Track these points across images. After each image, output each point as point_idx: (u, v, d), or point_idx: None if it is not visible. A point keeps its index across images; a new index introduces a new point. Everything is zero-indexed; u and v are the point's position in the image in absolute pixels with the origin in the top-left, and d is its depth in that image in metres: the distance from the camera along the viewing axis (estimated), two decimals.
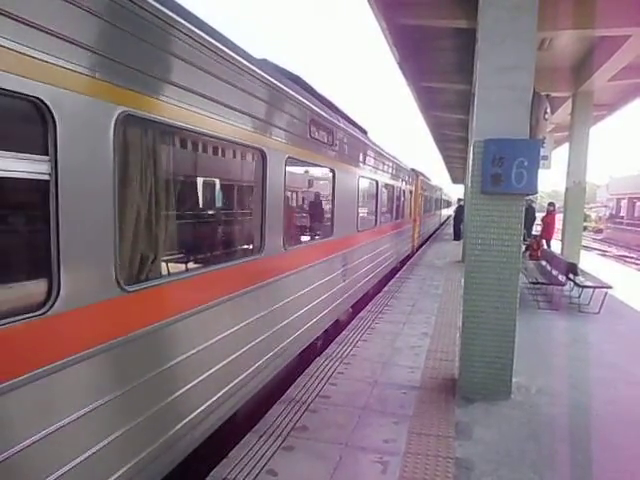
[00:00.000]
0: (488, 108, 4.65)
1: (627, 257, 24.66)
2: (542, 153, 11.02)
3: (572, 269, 9.42)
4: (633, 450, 3.96)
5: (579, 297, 9.17)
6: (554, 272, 10.32)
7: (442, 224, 38.70)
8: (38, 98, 2.07)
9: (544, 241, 14.88)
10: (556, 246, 15.04)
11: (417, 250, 19.04)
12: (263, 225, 4.40)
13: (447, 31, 9.71)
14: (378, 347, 6.32)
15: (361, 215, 8.51)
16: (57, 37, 2.13)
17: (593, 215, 50.08)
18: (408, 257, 16.27)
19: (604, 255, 23.93)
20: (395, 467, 3.54)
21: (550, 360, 6.10)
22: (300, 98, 5.10)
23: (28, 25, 2.00)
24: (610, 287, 8.92)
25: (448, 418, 4.35)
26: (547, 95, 5.07)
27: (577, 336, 7.22)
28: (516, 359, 4.82)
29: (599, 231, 41.03)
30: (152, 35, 2.72)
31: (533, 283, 9.59)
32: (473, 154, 4.74)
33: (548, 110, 4.99)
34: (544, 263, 11.70)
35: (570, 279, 9.35)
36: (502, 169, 4.51)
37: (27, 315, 2.09)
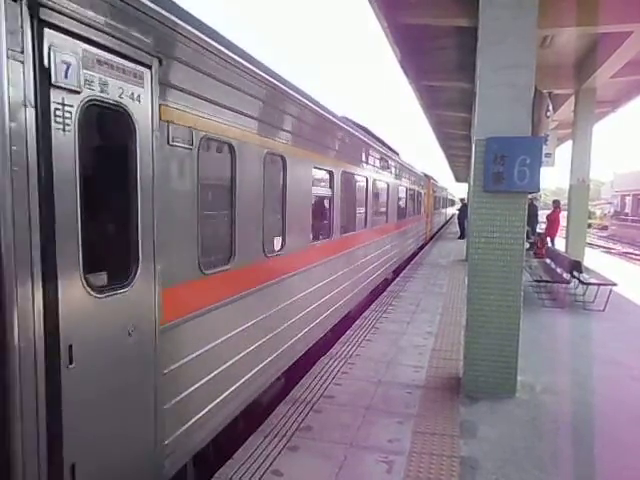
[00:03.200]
0: (489, 106, 4.65)
1: (632, 254, 24.45)
2: (545, 150, 11.03)
3: (576, 267, 9.38)
4: (638, 447, 3.95)
5: (584, 295, 9.13)
6: (558, 270, 10.28)
7: (447, 222, 38.89)
8: (331, 171, 6.34)
9: (548, 239, 14.83)
10: (560, 244, 14.98)
11: (429, 241, 22.57)
12: (366, 213, 8.79)
13: (448, 30, 9.66)
14: (382, 346, 6.33)
15: (398, 211, 12.52)
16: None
17: (598, 212, 49.82)
18: (422, 246, 19.78)
19: (609, 252, 23.79)
20: (400, 466, 3.55)
21: (555, 358, 6.09)
22: (377, 147, 9.42)
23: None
24: (615, 284, 8.89)
25: (453, 417, 4.35)
26: (549, 93, 5.08)
27: (582, 334, 7.21)
28: (521, 357, 4.82)
29: (604, 228, 40.79)
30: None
31: (537, 281, 9.57)
32: (475, 153, 4.74)
33: (550, 108, 4.99)
34: (548, 261, 11.66)
35: (574, 277, 9.31)
36: (504, 167, 4.51)
37: (327, 238, 6.48)
